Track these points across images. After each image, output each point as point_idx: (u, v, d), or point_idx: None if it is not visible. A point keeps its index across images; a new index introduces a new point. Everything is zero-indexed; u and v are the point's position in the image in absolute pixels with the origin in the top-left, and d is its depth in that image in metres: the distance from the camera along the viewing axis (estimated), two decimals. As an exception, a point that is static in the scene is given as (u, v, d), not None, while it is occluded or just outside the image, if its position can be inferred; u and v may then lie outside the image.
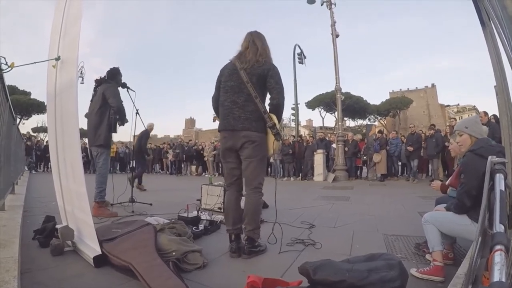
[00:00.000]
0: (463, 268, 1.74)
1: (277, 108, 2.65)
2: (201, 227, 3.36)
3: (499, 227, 1.09)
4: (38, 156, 16.35)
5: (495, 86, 1.32)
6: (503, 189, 1.27)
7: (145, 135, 8.21)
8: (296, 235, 3.25)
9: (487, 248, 1.20)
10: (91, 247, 2.41)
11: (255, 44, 2.72)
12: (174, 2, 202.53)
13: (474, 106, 61.73)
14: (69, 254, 2.53)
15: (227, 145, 2.69)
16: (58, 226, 2.65)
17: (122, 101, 4.49)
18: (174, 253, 2.31)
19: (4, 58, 2.58)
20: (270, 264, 2.48)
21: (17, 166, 7.48)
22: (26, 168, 13.47)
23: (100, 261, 2.27)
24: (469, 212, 2.09)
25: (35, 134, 31.34)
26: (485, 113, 7.75)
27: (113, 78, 4.67)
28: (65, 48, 2.82)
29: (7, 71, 2.66)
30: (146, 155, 8.39)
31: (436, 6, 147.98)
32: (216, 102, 2.83)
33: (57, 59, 2.82)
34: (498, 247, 0.98)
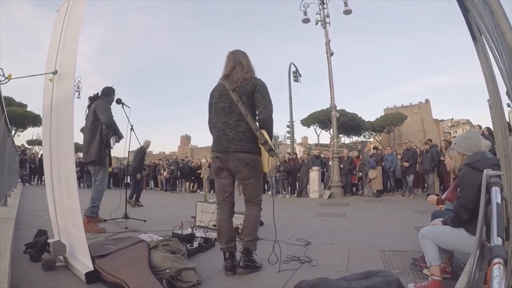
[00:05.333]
0: (461, 282, 1.72)
1: (265, 122, 2.64)
2: (195, 244, 3.32)
3: (497, 240, 1.09)
4: (32, 169, 16.19)
5: (488, 100, 1.34)
6: (500, 202, 1.27)
7: (141, 152, 8.22)
8: (292, 252, 3.21)
9: (485, 261, 1.19)
10: (83, 263, 2.35)
11: (240, 63, 2.73)
12: (173, 24, 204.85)
13: (468, 120, 62.29)
14: (60, 269, 2.48)
15: (220, 164, 2.69)
16: (50, 241, 2.61)
17: (112, 116, 4.47)
18: (168, 271, 2.25)
19: (2, 69, 2.58)
20: (266, 282, 2.44)
21: (11, 178, 7.40)
22: (19, 181, 13.30)
23: (92, 277, 2.22)
24: (466, 225, 2.08)
25: (30, 147, 31.11)
26: (479, 127, 7.85)
27: (106, 96, 4.67)
28: (62, 62, 2.84)
29: (4, 83, 2.66)
30: (140, 173, 8.22)
31: (428, 23, 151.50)
32: (211, 126, 2.84)
33: (55, 73, 2.83)
34: (496, 260, 0.97)
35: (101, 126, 4.33)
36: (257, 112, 2.66)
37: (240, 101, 2.59)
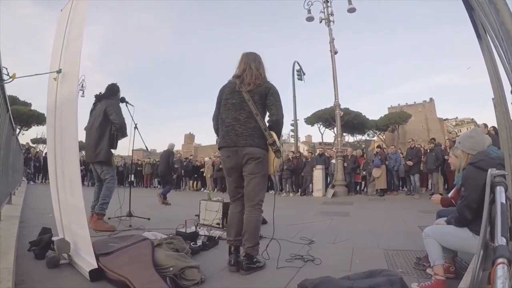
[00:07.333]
0: (465, 281, 1.71)
1: (277, 124, 2.68)
2: (199, 242, 3.32)
3: (501, 240, 1.08)
4: (36, 167, 16.26)
5: (493, 99, 1.33)
6: (504, 201, 1.26)
7: (172, 154, 9.11)
8: (295, 251, 3.22)
9: (489, 261, 1.19)
10: (87, 261, 2.36)
11: (251, 66, 2.75)
12: (176, 24, 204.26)
13: (473, 119, 61.56)
14: (64, 267, 2.49)
15: (231, 164, 2.69)
16: (54, 239, 2.62)
17: (124, 118, 4.46)
18: (171, 269, 2.26)
19: (6, 68, 2.60)
20: (269, 281, 2.44)
21: (15, 177, 7.45)
22: (24, 179, 13.37)
23: (96, 275, 2.23)
24: (470, 225, 2.08)
25: (34, 145, 31.30)
26: (485, 125, 7.77)
27: (114, 94, 4.63)
28: (66, 61, 2.84)
29: (9, 82, 2.67)
30: (173, 173, 8.97)
31: (433, 22, 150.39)
32: (217, 121, 2.83)
33: (59, 72, 2.84)
34: (500, 260, 0.97)
35: (111, 126, 4.31)
36: (268, 113, 2.70)
37: (251, 99, 2.62)
